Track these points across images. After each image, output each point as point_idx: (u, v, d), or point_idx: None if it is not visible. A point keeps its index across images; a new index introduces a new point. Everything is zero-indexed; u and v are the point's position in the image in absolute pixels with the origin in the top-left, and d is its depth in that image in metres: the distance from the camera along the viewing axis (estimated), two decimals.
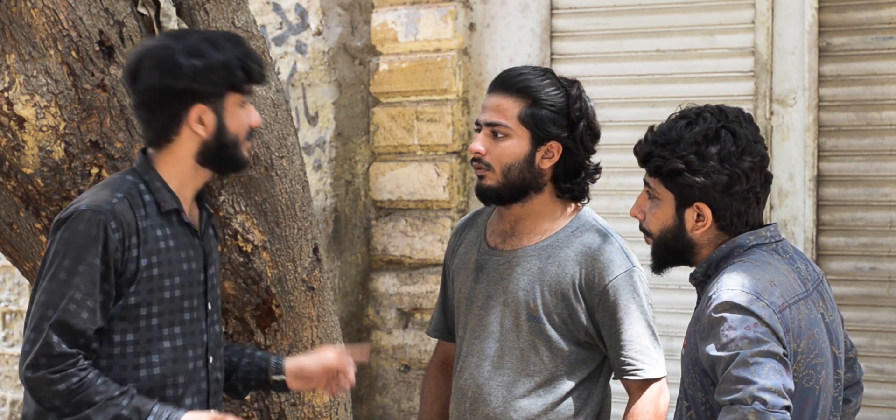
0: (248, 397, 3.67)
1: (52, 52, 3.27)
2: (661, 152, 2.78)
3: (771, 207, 4.85)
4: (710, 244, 2.79)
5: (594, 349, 3.14)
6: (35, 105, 3.28)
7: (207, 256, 2.98)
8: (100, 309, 2.77)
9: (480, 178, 3.16)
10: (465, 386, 3.18)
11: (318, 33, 5.48)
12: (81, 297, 2.75)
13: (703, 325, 2.67)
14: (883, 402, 4.72)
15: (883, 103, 4.71)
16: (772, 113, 4.84)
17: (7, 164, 3.33)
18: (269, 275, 3.59)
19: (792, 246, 2.84)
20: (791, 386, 2.57)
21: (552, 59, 5.21)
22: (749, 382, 2.54)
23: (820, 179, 4.79)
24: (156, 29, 3.43)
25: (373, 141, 5.50)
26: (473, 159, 3.16)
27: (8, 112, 3.28)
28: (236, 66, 2.85)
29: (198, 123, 2.86)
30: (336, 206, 5.48)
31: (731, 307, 2.61)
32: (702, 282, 2.81)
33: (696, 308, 2.82)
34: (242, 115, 2.90)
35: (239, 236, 3.55)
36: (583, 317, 3.10)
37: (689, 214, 2.77)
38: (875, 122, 4.73)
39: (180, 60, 2.83)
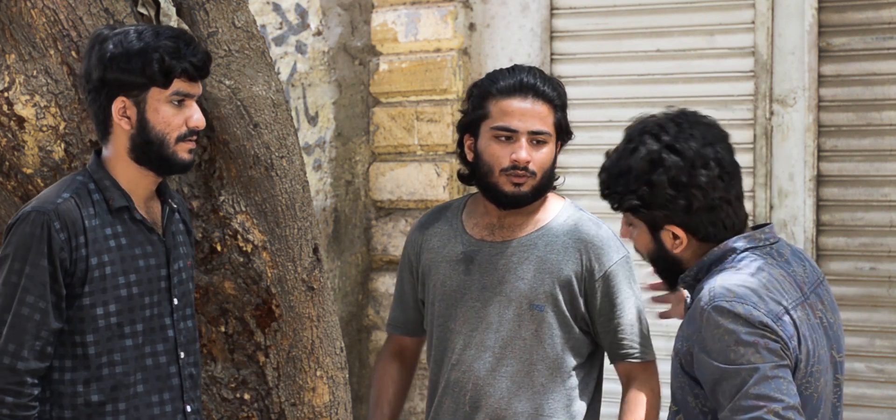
0: (247, 396, 3.67)
1: (52, 52, 3.28)
2: (614, 187, 2.73)
3: (771, 207, 4.85)
4: (697, 255, 2.72)
5: (589, 334, 3.19)
6: (35, 105, 3.28)
7: (170, 252, 2.94)
8: (53, 310, 2.74)
9: (518, 185, 3.14)
10: (464, 379, 3.19)
11: (318, 33, 5.48)
12: (34, 300, 2.73)
13: (701, 335, 2.58)
14: (883, 402, 4.72)
15: (883, 103, 4.71)
16: (772, 113, 4.84)
17: (7, 164, 3.34)
18: (269, 275, 3.59)
19: (790, 246, 2.78)
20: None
21: (552, 59, 5.21)
22: (772, 399, 2.46)
23: (820, 179, 4.79)
24: None
25: (373, 141, 5.50)
26: (513, 168, 3.14)
27: (8, 112, 3.29)
28: (154, 58, 2.77)
29: (122, 117, 2.83)
30: (336, 206, 5.48)
31: (733, 318, 2.52)
32: (692, 285, 2.74)
33: (685, 311, 2.76)
34: (170, 113, 2.83)
35: (239, 236, 3.55)
36: (581, 303, 3.12)
37: (665, 237, 2.72)
38: (875, 122, 4.73)
39: (105, 48, 2.79)
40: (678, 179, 2.64)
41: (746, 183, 4.88)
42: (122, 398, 2.82)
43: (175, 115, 2.83)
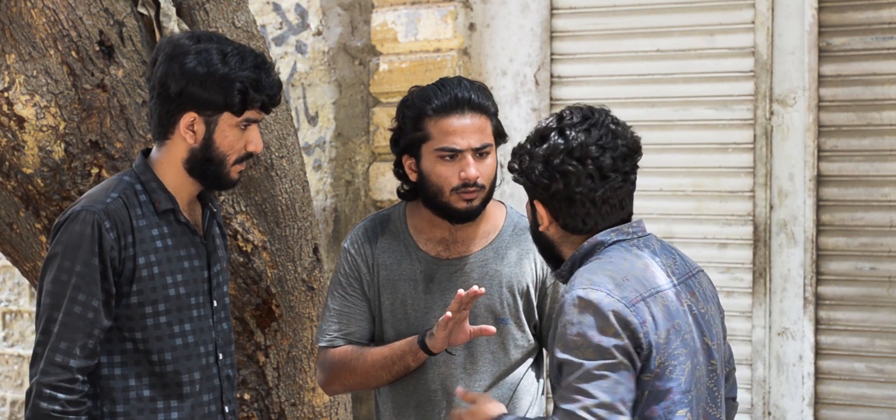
0: (247, 396, 3.67)
1: (52, 52, 3.28)
2: (514, 153, 2.84)
3: (771, 207, 4.85)
4: (564, 242, 2.80)
5: (537, 335, 3.26)
6: (35, 105, 3.28)
7: (210, 255, 3.00)
8: (103, 307, 2.79)
9: (470, 201, 3.14)
10: (437, 396, 3.18)
11: (318, 33, 5.48)
12: (85, 298, 2.77)
13: (555, 323, 2.69)
14: (883, 402, 4.72)
15: (883, 103, 4.71)
16: (772, 113, 4.84)
17: (7, 164, 3.34)
18: (269, 275, 3.59)
19: (660, 241, 2.85)
20: (629, 397, 2.61)
21: (552, 59, 5.21)
22: (588, 395, 2.57)
23: (820, 179, 4.79)
24: (156, 29, 3.44)
25: (373, 141, 5.50)
26: (464, 185, 3.13)
27: (8, 112, 3.29)
28: (236, 88, 2.83)
29: (188, 130, 2.86)
30: (336, 206, 5.48)
31: (583, 307, 2.62)
32: (567, 277, 2.82)
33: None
34: (235, 137, 2.88)
35: (239, 236, 3.55)
36: (536, 309, 3.21)
37: (537, 211, 2.80)
38: (875, 122, 4.73)
39: (187, 63, 2.83)
40: (550, 160, 2.73)
41: (746, 183, 4.89)
42: (173, 395, 2.88)
43: (238, 139, 2.89)
